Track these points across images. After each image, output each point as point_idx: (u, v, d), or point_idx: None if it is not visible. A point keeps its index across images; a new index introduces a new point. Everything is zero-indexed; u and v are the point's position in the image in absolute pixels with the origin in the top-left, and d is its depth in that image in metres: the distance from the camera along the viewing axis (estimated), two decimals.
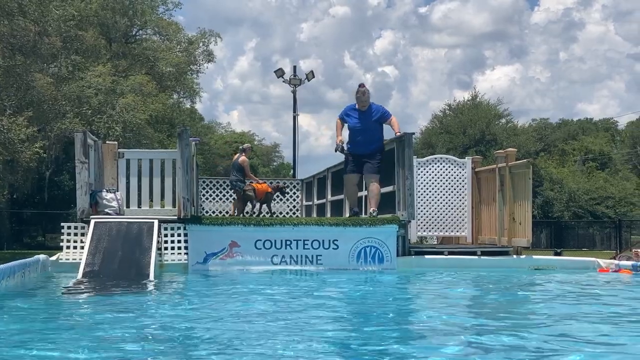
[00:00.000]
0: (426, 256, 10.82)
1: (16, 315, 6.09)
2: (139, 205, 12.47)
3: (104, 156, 12.18)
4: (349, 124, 11.39)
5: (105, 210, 10.98)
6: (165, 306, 6.99)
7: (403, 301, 7.77)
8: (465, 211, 12.92)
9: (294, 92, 31.63)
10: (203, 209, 17.37)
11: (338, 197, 14.62)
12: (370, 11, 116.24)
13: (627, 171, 57.27)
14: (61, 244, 10.33)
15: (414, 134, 11.53)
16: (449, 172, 12.94)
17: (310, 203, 17.66)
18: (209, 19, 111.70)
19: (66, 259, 10.17)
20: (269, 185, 14.75)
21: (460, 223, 12.97)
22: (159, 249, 9.97)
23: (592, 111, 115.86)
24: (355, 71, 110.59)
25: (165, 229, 10.30)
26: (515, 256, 11.06)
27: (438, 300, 7.64)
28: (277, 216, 15.10)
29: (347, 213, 13.38)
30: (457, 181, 12.95)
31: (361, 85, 11.30)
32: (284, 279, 9.48)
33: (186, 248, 10.29)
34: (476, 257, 10.94)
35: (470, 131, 47.60)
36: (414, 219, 11.12)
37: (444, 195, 12.94)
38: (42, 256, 9.84)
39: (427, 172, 12.93)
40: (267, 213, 14.40)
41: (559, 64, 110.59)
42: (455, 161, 13.14)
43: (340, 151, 11.48)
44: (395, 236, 10.53)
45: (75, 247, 10.22)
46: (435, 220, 12.96)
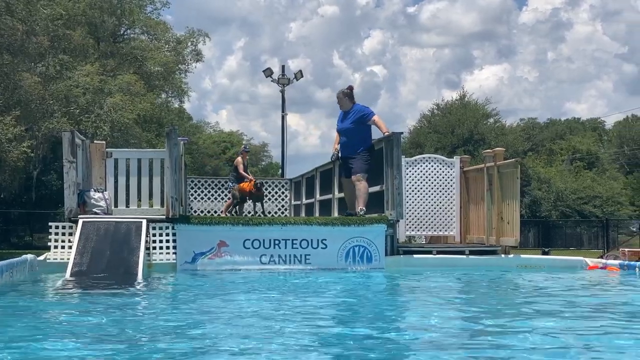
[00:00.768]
0: (415, 256, 10.84)
1: (3, 315, 6.07)
2: (127, 205, 12.45)
3: (92, 156, 12.15)
4: (337, 128, 11.52)
5: (94, 209, 10.96)
6: (152, 306, 6.99)
7: (390, 300, 7.78)
8: (454, 210, 12.95)
9: (282, 92, 31.63)
10: (191, 208, 17.37)
11: (326, 197, 14.63)
12: (359, 11, 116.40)
13: (615, 171, 57.58)
14: (49, 243, 10.27)
15: (402, 133, 11.55)
16: (438, 172, 12.97)
17: (299, 202, 17.66)
18: (197, 18, 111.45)
19: (54, 258, 10.13)
20: (250, 183, 14.92)
21: (449, 222, 13.00)
22: (147, 248, 9.94)
23: (580, 111, 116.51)
24: (344, 71, 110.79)
25: (154, 228, 10.28)
26: (503, 255, 11.10)
27: (426, 299, 7.65)
28: (266, 216, 15.10)
29: (335, 212, 13.41)
30: (446, 181, 12.97)
31: (348, 87, 11.39)
32: (271, 279, 9.46)
33: (174, 247, 10.26)
34: (464, 256, 10.97)
35: (459, 131, 47.76)
36: (402, 219, 11.13)
37: (432, 194, 12.96)
38: (29, 256, 9.78)
39: (416, 171, 12.95)
40: (262, 213, 14.46)
41: (547, 63, 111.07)
42: (443, 161, 13.16)
43: (333, 159, 12.01)
44: (383, 236, 10.54)
45: (63, 247, 10.17)
46: (424, 219, 12.98)
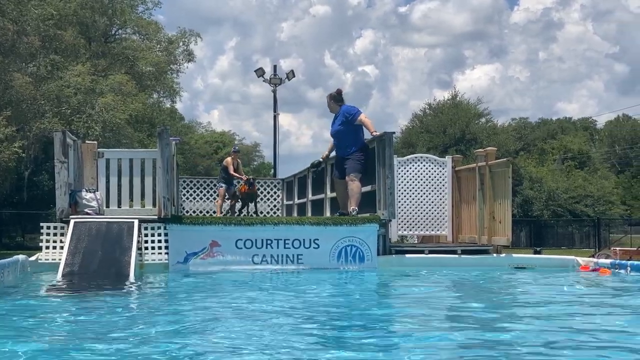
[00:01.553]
0: (407, 255, 10.85)
1: None
2: (119, 205, 12.43)
3: (84, 156, 12.12)
4: (330, 132, 11.64)
5: (85, 210, 10.93)
6: (144, 305, 6.98)
7: (382, 301, 7.79)
8: (446, 210, 12.97)
9: (274, 92, 31.64)
10: (183, 208, 17.35)
11: (319, 197, 14.63)
12: (351, 11, 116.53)
13: (606, 170, 57.78)
14: (40, 244, 10.24)
15: (394, 133, 11.55)
16: (430, 171, 12.98)
17: (291, 202, 17.65)
18: (189, 18, 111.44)
19: (45, 259, 10.10)
20: (245, 184, 15.09)
21: (441, 222, 13.01)
22: (139, 248, 9.92)
23: (571, 110, 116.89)
24: (336, 71, 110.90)
25: (146, 228, 10.25)
26: (495, 255, 11.12)
27: (418, 299, 7.67)
28: (258, 216, 15.10)
29: (328, 212, 13.41)
30: (438, 180, 12.98)
31: (336, 90, 11.45)
32: (263, 279, 9.47)
33: (167, 248, 10.24)
34: (456, 255, 10.98)
35: (451, 130, 47.80)
36: (394, 218, 11.14)
37: (424, 194, 12.96)
38: (21, 256, 9.75)
39: (408, 171, 12.96)
40: (255, 213, 14.53)
41: (539, 63, 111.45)
42: (435, 160, 13.17)
43: (311, 166, 12.92)
44: (375, 235, 10.55)
45: (54, 247, 10.14)
46: (416, 219, 12.98)
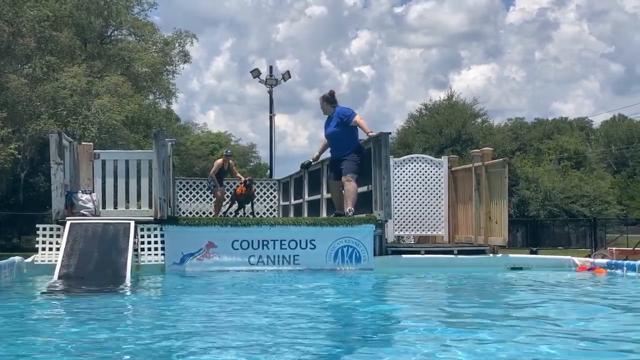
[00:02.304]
0: (403, 256, 10.85)
1: None
2: (115, 207, 12.40)
3: (80, 157, 12.10)
4: (324, 134, 11.65)
5: (81, 211, 10.91)
6: (140, 307, 6.97)
7: (378, 301, 7.79)
8: (442, 210, 12.97)
9: (270, 93, 31.64)
10: (180, 209, 17.34)
11: (315, 197, 14.62)
12: (347, 11, 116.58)
13: (602, 170, 57.86)
14: (36, 245, 10.23)
15: (390, 133, 11.57)
16: (426, 172, 12.98)
17: (288, 203, 17.65)
18: (184, 19, 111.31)
19: (42, 260, 10.08)
20: (242, 185, 15.10)
21: (437, 222, 13.01)
22: (135, 250, 9.91)
23: (567, 110, 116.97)
24: (332, 71, 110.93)
25: (142, 229, 10.25)
26: (491, 255, 11.12)
27: (414, 299, 7.67)
28: (255, 216, 15.10)
29: (324, 213, 13.40)
30: (434, 180, 12.99)
31: (329, 92, 11.46)
32: (259, 280, 9.45)
33: (163, 249, 10.23)
34: (453, 256, 10.99)
35: (447, 131, 47.79)
36: (390, 219, 11.14)
37: (420, 194, 12.97)
38: (17, 258, 9.74)
39: (404, 171, 12.96)
40: (251, 214, 14.53)
41: (534, 63, 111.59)
42: (431, 160, 13.18)
43: (303, 166, 12.94)
44: (372, 236, 10.54)
45: (50, 249, 10.13)
46: (412, 219, 12.99)
